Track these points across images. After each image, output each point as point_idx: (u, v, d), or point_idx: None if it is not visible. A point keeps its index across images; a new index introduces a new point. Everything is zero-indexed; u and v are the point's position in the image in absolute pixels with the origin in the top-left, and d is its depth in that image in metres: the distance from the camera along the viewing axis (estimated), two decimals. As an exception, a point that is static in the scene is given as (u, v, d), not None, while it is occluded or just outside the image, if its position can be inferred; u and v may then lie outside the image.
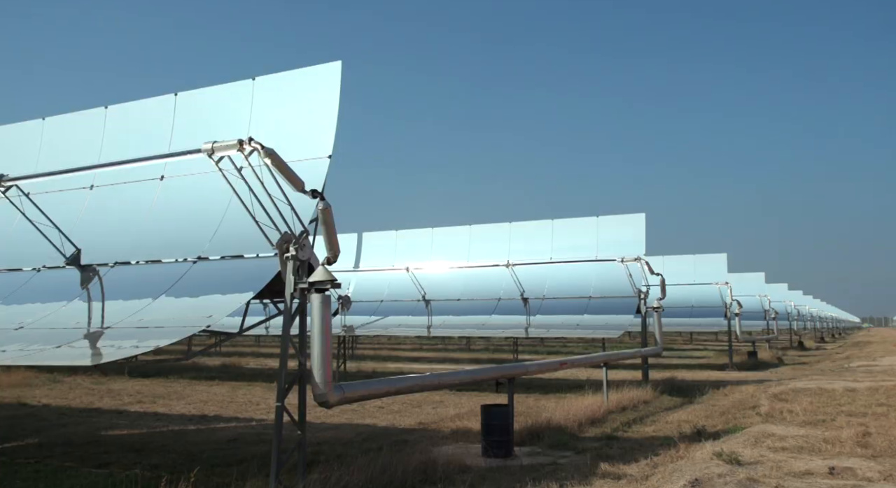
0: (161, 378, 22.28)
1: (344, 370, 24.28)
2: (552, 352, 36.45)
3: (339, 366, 23.70)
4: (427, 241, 23.78)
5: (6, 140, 11.43)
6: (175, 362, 25.91)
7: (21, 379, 20.36)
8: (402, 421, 13.47)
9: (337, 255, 7.43)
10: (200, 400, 16.88)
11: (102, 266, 9.11)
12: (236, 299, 7.51)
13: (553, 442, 10.54)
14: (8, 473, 8.83)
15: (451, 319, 21.77)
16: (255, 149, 6.84)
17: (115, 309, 8.26)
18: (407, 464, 8.13)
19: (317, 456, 9.39)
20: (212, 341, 30.55)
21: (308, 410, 7.42)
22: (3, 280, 9.69)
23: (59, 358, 7.27)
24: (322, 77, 8.59)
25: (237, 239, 8.24)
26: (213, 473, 8.43)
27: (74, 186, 9.96)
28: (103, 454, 10.08)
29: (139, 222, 9.41)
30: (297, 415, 7.22)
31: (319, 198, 7.35)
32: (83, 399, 17.09)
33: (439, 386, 10.68)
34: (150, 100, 10.19)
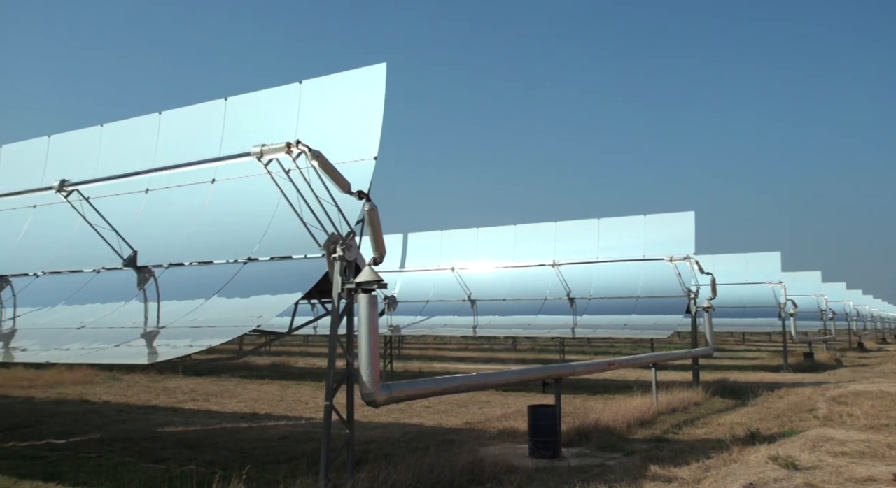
0: (214, 376, 22.83)
1: (390, 370, 24.46)
2: (599, 353, 36.01)
3: (385, 366, 23.89)
4: (472, 241, 23.77)
5: (68, 146, 11.88)
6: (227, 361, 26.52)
7: (83, 376, 21.17)
8: (448, 420, 13.50)
9: (383, 256, 7.49)
10: (251, 398, 17.24)
11: (157, 267, 9.38)
12: (285, 299, 7.63)
13: (601, 443, 10.42)
14: (72, 467, 9.19)
15: (497, 319, 21.71)
16: (302, 152, 6.94)
17: (170, 309, 8.49)
18: (454, 464, 8.15)
19: (365, 454, 9.49)
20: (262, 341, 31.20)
21: (356, 409, 7.49)
22: (67, 281, 10.08)
23: (118, 356, 7.52)
24: (367, 79, 8.67)
25: (286, 240, 8.38)
26: (265, 470, 8.59)
27: (131, 190, 10.29)
28: (160, 450, 10.39)
29: (192, 224, 9.66)
30: (345, 414, 7.30)
31: (365, 199, 7.42)
32: (141, 396, 17.64)
33: (485, 386, 10.66)
34: (202, 105, 10.45)
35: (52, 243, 10.87)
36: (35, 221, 11.43)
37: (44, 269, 10.56)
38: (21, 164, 12.28)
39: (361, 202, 7.43)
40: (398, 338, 32.94)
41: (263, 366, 27.06)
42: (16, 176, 12.02)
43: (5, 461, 9.61)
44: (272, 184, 7.30)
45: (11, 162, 12.53)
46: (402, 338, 37.86)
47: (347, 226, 7.46)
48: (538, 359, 32.30)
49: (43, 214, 11.31)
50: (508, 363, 30.46)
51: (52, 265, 10.52)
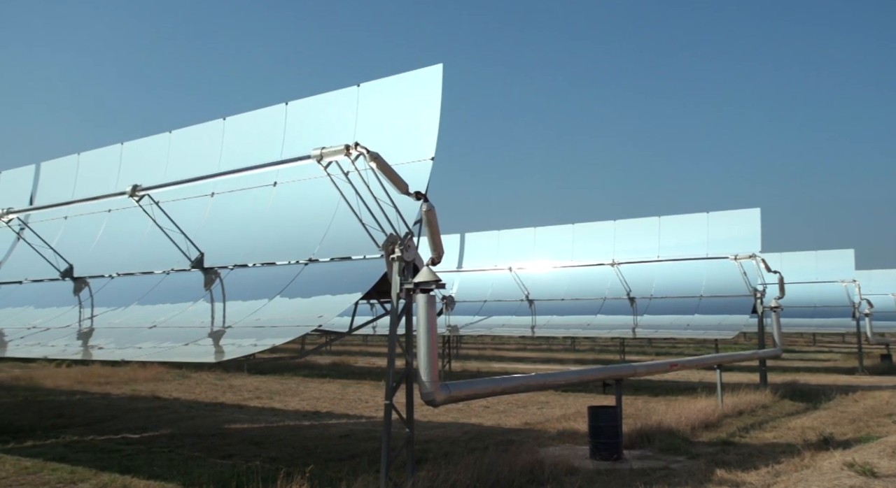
0: (277, 375, 23.39)
1: (449, 369, 24.54)
2: (661, 353, 35.24)
3: (444, 366, 23.99)
4: (529, 241, 23.63)
5: (139, 153, 12.40)
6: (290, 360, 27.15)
7: (155, 374, 22.04)
8: (507, 421, 13.46)
9: (441, 256, 7.53)
10: (313, 396, 17.59)
11: (223, 268, 9.67)
12: (345, 299, 7.75)
13: (664, 445, 10.19)
14: (146, 460, 9.58)
15: (556, 319, 21.52)
16: (360, 154, 7.04)
17: (235, 309, 8.74)
18: (514, 464, 8.11)
19: (424, 453, 9.55)
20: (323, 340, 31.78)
21: (415, 408, 7.55)
22: (139, 282, 10.51)
23: (186, 355, 7.79)
24: (424, 80, 8.73)
25: (345, 241, 8.51)
26: (327, 467, 8.75)
27: (198, 194, 10.65)
28: (227, 446, 10.71)
29: (255, 227, 9.92)
30: (405, 413, 7.37)
31: (423, 200, 7.47)
32: (208, 393, 18.23)
33: (545, 386, 10.58)
34: (264, 110, 10.72)
35: (126, 246, 11.35)
36: (110, 225, 11.97)
37: (118, 271, 11.04)
38: (97, 171, 12.89)
39: (419, 203, 7.48)
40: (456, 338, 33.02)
41: (324, 365, 27.57)
42: (93, 182, 12.62)
43: (86, 454, 10.10)
44: (332, 186, 7.44)
45: (89, 169, 13.16)
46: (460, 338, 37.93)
47: (405, 226, 7.52)
48: (598, 360, 31.84)
49: (117, 218, 11.83)
50: (567, 363, 30.13)
51: (126, 267, 10.99)
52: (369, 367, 27.13)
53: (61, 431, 12.06)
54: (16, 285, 12.52)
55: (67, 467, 9.13)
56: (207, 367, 23.80)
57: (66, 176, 13.45)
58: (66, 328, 9.93)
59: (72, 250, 11.84)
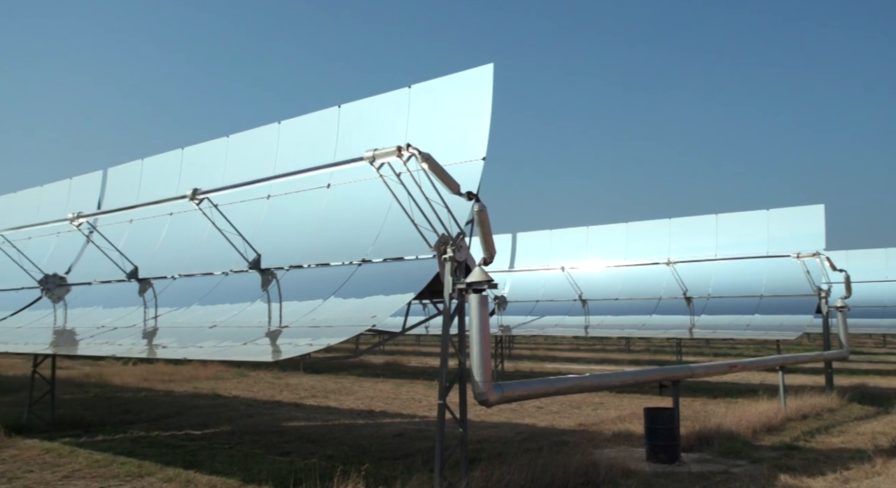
0: (332, 374, 23.76)
1: (501, 369, 24.47)
2: (719, 354, 34.32)
3: (496, 366, 23.93)
4: (582, 240, 23.36)
5: (199, 157, 12.78)
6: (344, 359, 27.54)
7: (215, 372, 22.70)
8: (561, 421, 13.34)
9: (493, 256, 7.51)
10: (367, 396, 17.80)
11: (279, 269, 9.88)
12: (398, 300, 7.81)
13: (724, 449, 9.93)
14: (208, 456, 9.88)
15: (609, 319, 21.20)
16: (412, 155, 7.09)
17: (291, 309, 8.91)
18: (568, 466, 8.04)
19: (478, 453, 9.56)
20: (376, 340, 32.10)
21: (468, 408, 7.56)
22: (199, 283, 10.84)
23: (245, 354, 7.98)
24: (475, 80, 8.72)
25: (398, 241, 8.57)
26: (382, 466, 8.85)
27: (254, 197, 10.91)
28: (285, 443, 10.95)
29: (309, 228, 10.10)
30: (458, 413, 7.38)
31: (475, 200, 7.47)
32: (266, 392, 18.66)
33: (599, 387, 10.46)
34: (317, 113, 10.91)
35: (187, 248, 11.71)
36: (172, 228, 12.38)
37: (180, 272, 11.40)
38: (160, 175, 13.35)
39: (471, 203, 7.48)
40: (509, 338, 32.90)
41: (378, 364, 27.85)
42: (156, 186, 13.08)
43: (151, 448, 10.48)
44: (384, 187, 7.51)
45: (152, 173, 13.64)
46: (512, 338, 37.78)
47: (457, 226, 7.53)
48: (653, 361, 31.24)
49: (178, 221, 12.23)
50: (622, 364, 29.66)
51: (187, 268, 11.34)
52: (422, 367, 27.28)
53: (129, 426, 12.55)
54: (86, 286, 13.08)
55: (135, 461, 9.49)
56: (265, 366, 24.36)
57: (131, 180, 13.98)
58: (132, 327, 10.31)
59: (137, 252, 12.29)
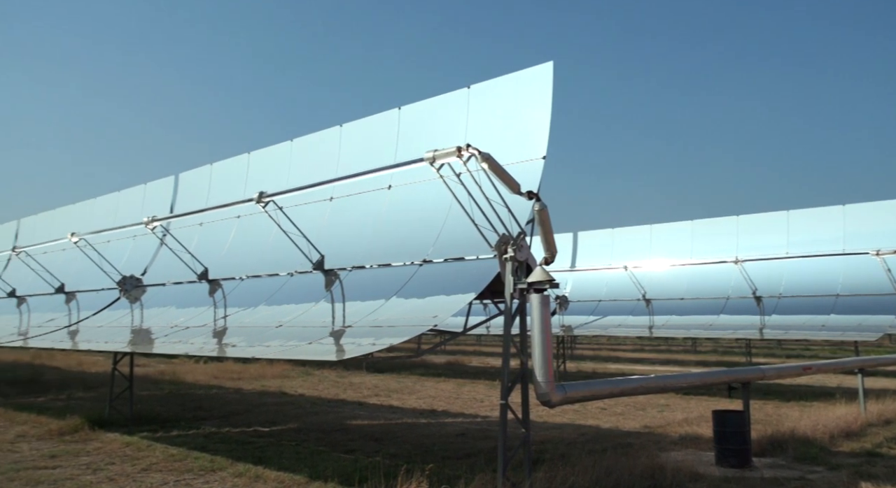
0: (394, 373, 24.02)
1: (564, 370, 24.22)
2: (792, 356, 33.03)
3: (558, 366, 23.70)
4: (645, 238, 22.89)
5: (264, 161, 13.14)
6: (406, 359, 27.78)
7: (281, 371, 23.29)
8: (625, 423, 13.11)
9: (554, 255, 7.44)
10: (429, 395, 17.92)
11: (342, 270, 10.06)
12: (459, 300, 7.82)
13: (799, 454, 9.55)
14: (276, 453, 10.15)
15: (675, 319, 20.68)
16: (472, 155, 7.09)
17: (354, 309, 9.06)
18: (633, 468, 7.90)
19: (541, 454, 9.49)
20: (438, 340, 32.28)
21: (531, 409, 7.51)
22: (266, 284, 11.14)
23: (310, 353, 8.15)
24: (534, 79, 8.66)
25: (458, 242, 8.59)
26: (445, 465, 8.89)
27: (317, 199, 11.13)
28: (349, 441, 11.14)
29: (371, 229, 10.24)
30: (520, 413, 7.35)
31: (535, 200, 7.42)
32: (330, 390, 19.02)
33: (665, 388, 10.22)
34: (378, 115, 11.05)
35: (253, 250, 12.06)
36: (239, 230, 12.77)
37: (247, 273, 11.75)
38: (228, 179, 13.80)
39: (531, 202, 7.43)
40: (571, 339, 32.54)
41: (439, 364, 28.00)
42: (224, 190, 13.52)
43: (223, 444, 10.84)
44: (444, 187, 7.54)
45: (220, 177, 14.11)
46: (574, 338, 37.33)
47: (518, 226, 7.50)
48: (721, 362, 30.31)
49: (245, 224, 12.60)
50: (688, 365, 28.90)
51: (254, 269, 11.67)
52: (483, 367, 27.27)
53: (201, 423, 13.01)
54: (160, 287, 13.63)
55: (207, 456, 9.84)
56: (329, 365, 24.84)
57: (201, 185, 14.49)
58: (203, 327, 10.68)
59: (207, 254, 12.73)
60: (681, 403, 15.85)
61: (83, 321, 13.95)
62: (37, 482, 8.41)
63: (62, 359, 27.95)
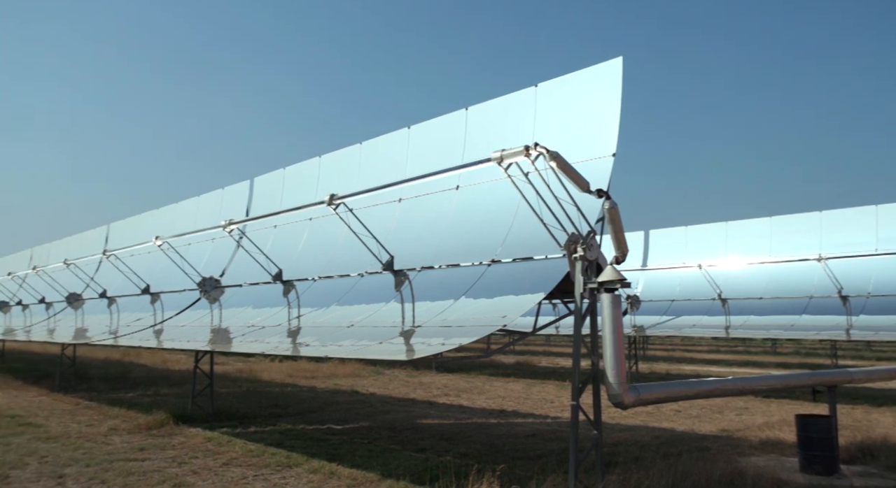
0: (463, 373, 24.09)
1: (636, 371, 23.73)
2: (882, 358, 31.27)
3: (630, 367, 23.23)
4: (720, 236, 22.14)
5: (334, 164, 13.44)
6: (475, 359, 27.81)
7: (353, 370, 23.74)
8: (702, 426, 12.72)
9: (625, 254, 7.31)
10: (498, 395, 17.88)
11: (411, 271, 10.16)
12: (528, 300, 7.78)
13: (892, 463, 9.03)
14: (349, 450, 10.35)
15: (753, 319, 19.91)
16: (540, 154, 7.04)
17: (423, 309, 9.14)
18: (711, 473, 7.66)
19: (613, 456, 9.33)
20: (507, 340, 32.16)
21: (602, 410, 7.40)
22: (337, 284, 11.39)
23: (381, 352, 8.28)
24: (603, 75, 8.52)
25: (527, 241, 8.55)
26: (515, 466, 8.86)
27: (386, 201, 11.30)
28: (420, 440, 11.24)
29: (439, 229, 10.30)
30: (591, 415, 7.25)
31: (605, 198, 7.30)
32: (400, 390, 19.25)
33: (743, 391, 9.84)
34: (445, 116, 11.11)
35: (325, 251, 12.34)
36: (311, 232, 13.09)
37: (319, 274, 12.04)
38: (300, 183, 14.18)
39: (601, 200, 7.32)
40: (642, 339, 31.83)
41: (508, 364, 27.90)
42: (296, 193, 13.90)
43: (298, 441, 11.15)
44: (512, 187, 7.51)
45: (293, 181, 14.52)
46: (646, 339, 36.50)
47: (587, 225, 7.41)
48: (803, 364, 28.99)
49: (317, 226, 12.91)
50: (768, 367, 27.78)
51: (326, 270, 11.95)
52: (552, 367, 27.01)
53: (277, 419, 13.42)
54: (237, 288, 14.14)
55: (283, 452, 10.13)
56: (399, 365, 25.14)
57: (275, 188, 14.95)
58: (278, 326, 11.00)
59: (281, 256, 13.12)
60: (761, 406, 15.26)
61: (167, 321, 14.62)
62: (128, 473, 8.87)
63: (148, 357, 29.38)
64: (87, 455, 10.02)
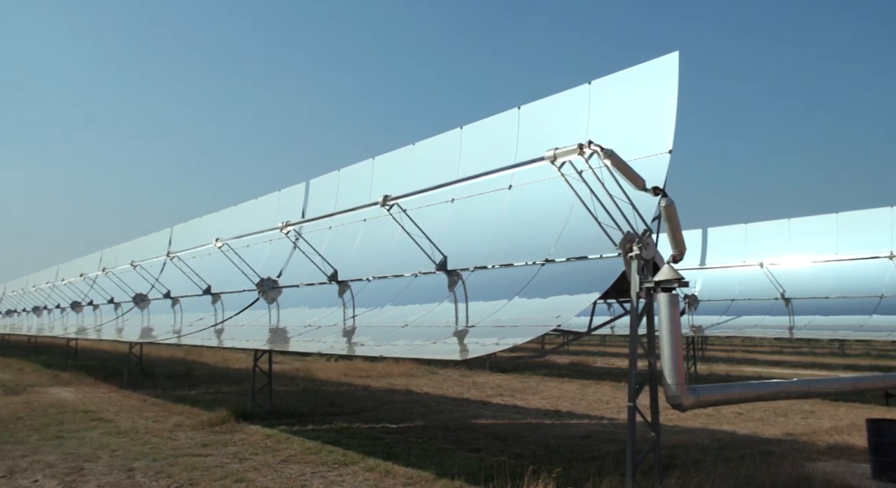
0: (517, 373, 23.99)
1: (694, 372, 23.19)
2: (961, 361, 29.67)
3: (688, 368, 22.71)
4: (783, 233, 21.41)
5: (388, 165, 13.58)
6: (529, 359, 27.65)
7: (407, 369, 23.93)
8: (765, 429, 12.34)
9: (683, 253, 7.15)
10: (553, 396, 17.74)
11: (464, 271, 10.18)
12: (583, 299, 7.69)
13: (972, 470, 8.56)
14: (404, 449, 10.44)
15: (818, 320, 19.17)
16: (594, 152, 6.95)
17: (477, 309, 9.14)
18: (776, 478, 7.43)
19: (672, 459, 9.14)
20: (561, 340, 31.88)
21: (660, 412, 7.25)
22: (391, 285, 11.50)
23: (435, 352, 8.32)
24: (658, 71, 8.36)
25: (580, 240, 8.45)
26: (571, 467, 8.77)
27: (439, 201, 11.35)
28: (474, 440, 11.25)
29: (492, 229, 10.29)
30: (649, 416, 7.12)
31: (661, 195, 7.16)
32: (454, 389, 19.30)
33: (809, 393, 9.50)
34: (497, 116, 11.09)
35: (379, 251, 12.48)
36: (365, 233, 13.26)
37: (373, 274, 12.18)
38: (354, 184, 14.39)
39: (657, 198, 7.18)
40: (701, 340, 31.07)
41: (563, 364, 27.64)
42: (351, 194, 14.11)
43: (354, 439, 11.31)
44: (565, 186, 7.44)
45: (347, 182, 14.74)
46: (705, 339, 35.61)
47: (643, 223, 7.28)
48: (874, 366, 27.78)
49: (371, 226, 13.06)
50: (835, 369, 26.73)
51: (380, 271, 12.08)
52: (608, 368, 26.63)
53: (333, 418, 13.64)
54: (294, 288, 14.43)
55: (340, 450, 10.30)
56: (453, 364, 25.21)
57: (329, 190, 15.20)
58: (333, 326, 11.18)
59: (336, 256, 13.32)
60: (828, 410, 14.70)
61: (227, 320, 15.04)
62: (192, 468, 9.17)
63: (210, 356, 30.30)
64: (154, 450, 10.40)
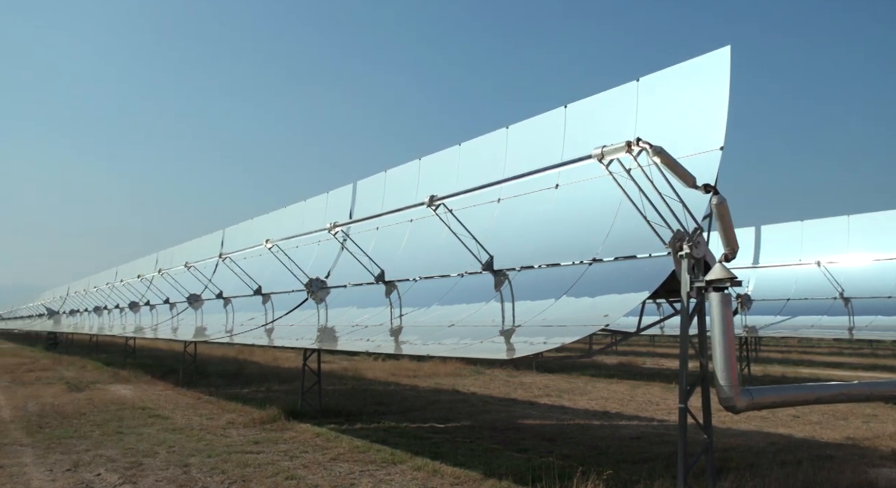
0: (564, 373, 23.78)
1: (748, 373, 22.60)
2: None
3: (742, 369, 22.14)
4: (842, 230, 20.69)
5: (434, 166, 13.64)
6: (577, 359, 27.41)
7: (453, 369, 23.97)
8: (823, 433, 11.94)
9: (735, 251, 7.00)
10: (601, 396, 17.52)
11: (511, 270, 10.15)
12: (632, 299, 7.59)
13: None
14: (451, 449, 10.48)
15: (881, 320, 18.45)
16: (643, 149, 6.85)
17: (524, 308, 9.11)
18: (836, 484, 7.20)
19: (725, 462, 8.93)
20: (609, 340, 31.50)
21: (712, 414, 7.10)
22: (438, 284, 11.55)
23: (482, 352, 8.33)
24: (709, 66, 8.18)
25: (629, 239, 8.34)
26: (620, 469, 8.66)
27: (485, 201, 11.34)
28: (521, 440, 11.21)
29: (539, 229, 10.24)
30: (700, 418, 6.98)
31: (713, 193, 7.00)
32: (501, 389, 19.25)
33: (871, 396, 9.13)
34: (544, 115, 11.02)
35: (425, 252, 12.54)
36: (412, 233, 13.35)
37: (420, 274, 12.25)
38: (400, 185, 14.50)
39: (708, 196, 7.03)
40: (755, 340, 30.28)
41: (611, 365, 27.27)
42: (397, 195, 14.22)
43: (401, 438, 11.40)
44: (613, 184, 7.35)
45: (394, 183, 14.87)
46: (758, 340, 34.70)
47: (694, 221, 7.13)
48: (942, 369, 26.58)
49: (418, 227, 13.14)
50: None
51: (426, 271, 12.14)
52: (658, 368, 26.16)
53: (381, 417, 13.77)
54: (342, 288, 14.63)
55: (388, 449, 10.39)
56: (499, 364, 25.14)
57: (376, 191, 15.36)
58: (381, 326, 11.29)
59: (383, 257, 13.45)
60: (892, 414, 14.14)
61: (277, 320, 15.34)
62: (245, 465, 9.38)
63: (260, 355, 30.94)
64: (209, 446, 10.68)
